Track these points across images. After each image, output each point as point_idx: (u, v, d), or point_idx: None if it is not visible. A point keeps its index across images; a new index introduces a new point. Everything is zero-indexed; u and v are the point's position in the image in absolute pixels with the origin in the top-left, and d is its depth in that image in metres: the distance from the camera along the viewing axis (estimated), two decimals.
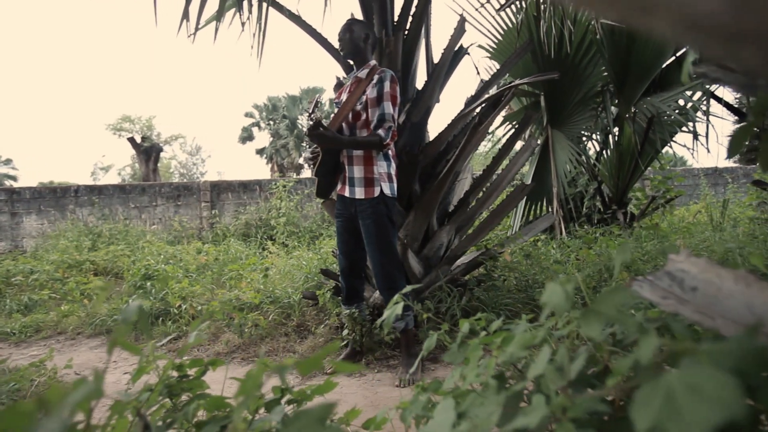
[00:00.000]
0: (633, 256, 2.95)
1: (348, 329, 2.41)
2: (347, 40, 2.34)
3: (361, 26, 2.37)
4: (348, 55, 2.37)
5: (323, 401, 0.50)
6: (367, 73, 2.26)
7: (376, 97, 2.20)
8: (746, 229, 3.63)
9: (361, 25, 2.38)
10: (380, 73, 2.23)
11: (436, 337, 1.04)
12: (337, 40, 2.42)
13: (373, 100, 2.21)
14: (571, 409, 0.53)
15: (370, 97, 2.21)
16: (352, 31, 2.34)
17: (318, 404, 0.45)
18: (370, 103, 2.22)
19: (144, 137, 15.37)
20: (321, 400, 0.86)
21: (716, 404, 0.29)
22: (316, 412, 0.43)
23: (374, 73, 2.24)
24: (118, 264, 5.33)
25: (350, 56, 2.36)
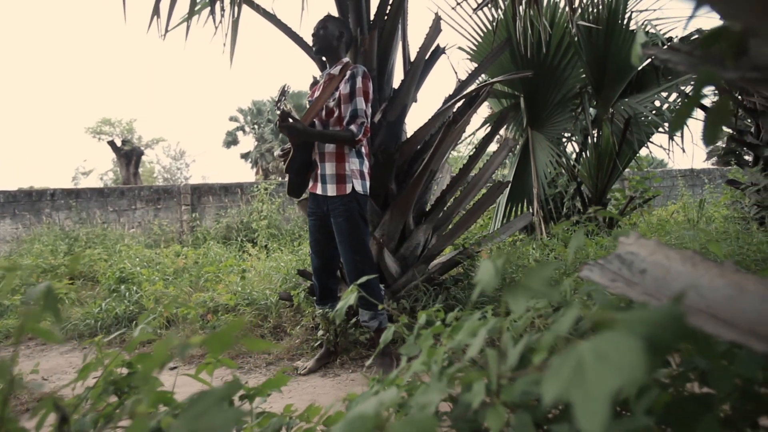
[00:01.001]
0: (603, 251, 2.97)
1: (322, 329, 2.38)
2: (320, 36, 2.32)
3: (335, 23, 2.35)
4: (320, 51, 2.34)
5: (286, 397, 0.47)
6: (340, 69, 2.24)
7: (348, 93, 2.19)
8: (720, 227, 3.68)
9: (336, 22, 2.36)
10: (353, 69, 2.22)
11: (393, 329, 1.02)
12: (311, 35, 2.40)
13: (345, 96, 2.19)
14: (504, 392, 0.51)
15: (342, 93, 2.20)
16: (326, 27, 2.32)
17: (225, 384, 0.42)
18: (342, 99, 2.20)
19: (124, 141, 15.10)
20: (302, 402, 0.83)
21: (619, 369, 0.28)
22: (219, 391, 0.40)
23: (347, 70, 2.23)
24: (95, 268, 5.21)
25: (322, 53, 2.34)
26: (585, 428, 0.26)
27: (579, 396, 0.28)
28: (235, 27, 2.58)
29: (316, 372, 2.33)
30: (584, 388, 0.29)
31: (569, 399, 0.29)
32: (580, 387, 0.29)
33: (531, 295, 0.50)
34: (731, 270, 0.62)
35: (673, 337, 0.34)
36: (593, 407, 0.27)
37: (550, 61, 4.64)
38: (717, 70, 0.61)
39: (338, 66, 2.28)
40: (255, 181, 7.91)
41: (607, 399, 0.27)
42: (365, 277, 2.18)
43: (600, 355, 0.30)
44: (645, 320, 0.34)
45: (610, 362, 0.29)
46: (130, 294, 3.47)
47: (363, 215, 2.21)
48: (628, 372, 0.27)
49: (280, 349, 2.67)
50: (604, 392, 0.27)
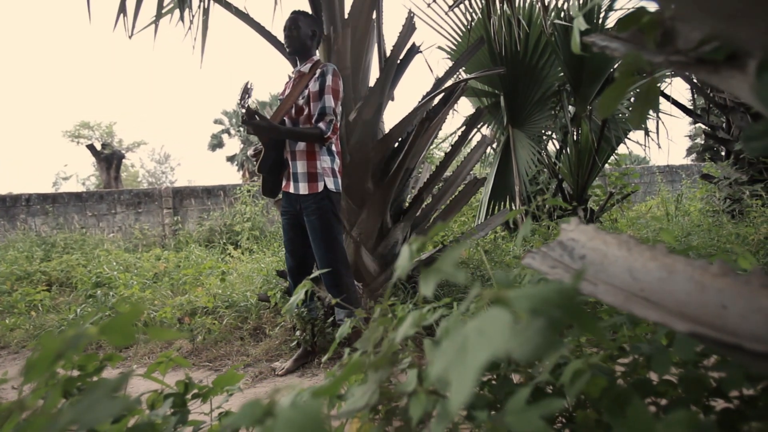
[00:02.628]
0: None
1: (299, 329, 2.37)
2: (294, 37, 2.29)
3: (307, 22, 2.32)
4: (294, 52, 2.33)
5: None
6: (310, 67, 2.24)
7: (318, 91, 2.18)
8: (695, 220, 3.74)
9: (308, 20, 2.34)
10: (322, 67, 2.21)
11: (349, 323, 1.02)
12: (284, 35, 2.38)
13: (315, 94, 2.19)
14: (426, 379, 0.51)
15: (312, 90, 2.19)
16: (299, 27, 2.29)
17: (115, 376, 0.41)
18: (312, 96, 2.19)
19: (104, 144, 14.85)
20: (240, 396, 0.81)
21: (490, 342, 0.28)
22: (110, 382, 0.39)
23: (317, 68, 2.22)
24: (72, 274, 5.12)
25: (296, 53, 2.32)
26: (453, 401, 0.26)
27: (454, 372, 0.28)
28: (205, 25, 2.56)
29: (293, 372, 2.31)
30: (464, 362, 0.29)
31: (448, 377, 0.29)
32: (461, 362, 0.29)
33: (441, 277, 0.49)
34: (663, 253, 0.63)
35: (563, 313, 0.34)
36: (464, 380, 0.27)
37: (529, 59, 4.67)
38: (644, 54, 0.62)
39: (309, 64, 2.27)
40: (238, 183, 7.85)
41: (476, 371, 0.26)
42: (341, 275, 2.17)
43: (480, 331, 0.29)
44: (534, 296, 0.34)
45: (485, 336, 0.28)
46: (106, 299, 3.41)
47: (335, 213, 2.21)
48: (496, 344, 0.27)
49: (258, 350, 2.65)
50: (474, 366, 0.27)
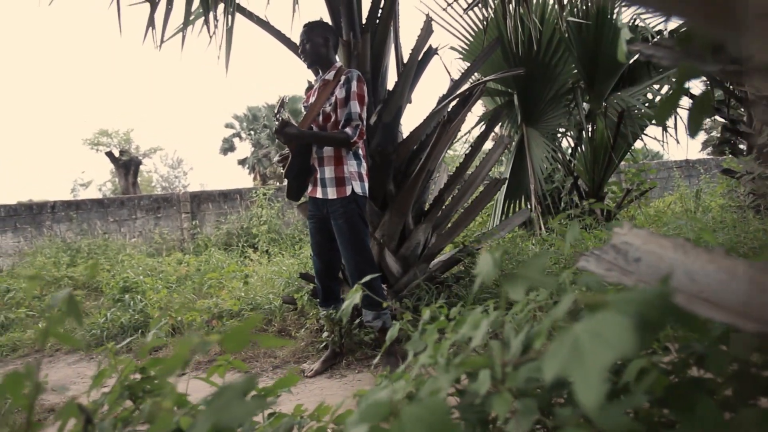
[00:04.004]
0: (600, 244, 3.00)
1: (327, 331, 2.41)
2: (308, 50, 2.33)
3: (318, 31, 2.35)
4: (313, 63, 2.37)
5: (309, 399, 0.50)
6: (334, 74, 2.28)
7: (344, 97, 2.23)
8: (717, 216, 3.72)
9: (319, 29, 2.36)
10: (347, 73, 2.25)
11: (398, 327, 1.05)
12: (299, 50, 2.41)
13: (341, 101, 2.24)
14: (509, 379, 0.54)
15: (338, 97, 2.24)
16: (311, 39, 2.32)
17: (241, 379, 0.45)
18: (338, 103, 2.24)
19: (122, 151, 15.11)
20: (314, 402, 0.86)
21: (611, 345, 0.31)
22: (239, 386, 0.43)
23: (341, 74, 2.26)
24: (97, 278, 5.23)
25: (315, 64, 2.37)
26: (583, 401, 0.29)
27: (576, 372, 0.31)
28: (230, 36, 2.61)
29: (322, 374, 2.35)
30: (581, 364, 0.32)
31: (568, 375, 0.32)
32: (577, 364, 0.32)
33: (528, 284, 0.53)
34: (721, 256, 0.66)
35: (662, 315, 0.37)
36: (590, 381, 0.30)
37: (542, 57, 4.67)
38: (698, 64, 0.64)
39: (332, 71, 2.31)
40: (254, 187, 7.94)
41: (602, 373, 0.30)
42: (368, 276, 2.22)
43: (594, 334, 0.33)
44: (634, 300, 0.37)
45: (602, 339, 0.32)
46: (134, 303, 3.49)
47: (362, 216, 2.25)
48: (619, 347, 0.30)
49: (285, 352, 2.69)
50: (599, 367, 0.30)
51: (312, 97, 2.39)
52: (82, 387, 2.71)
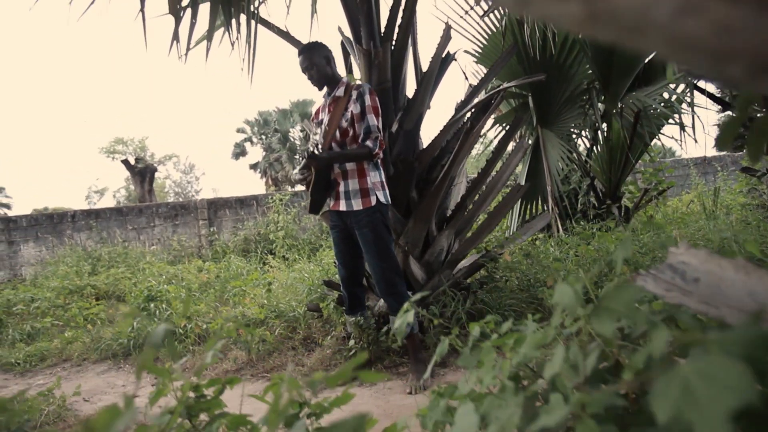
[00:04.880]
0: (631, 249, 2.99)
1: (355, 338, 2.43)
2: (314, 75, 2.36)
3: (317, 53, 2.35)
4: (322, 85, 2.40)
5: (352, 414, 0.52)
6: (344, 90, 2.32)
7: (360, 112, 2.28)
8: (738, 216, 3.68)
9: (316, 50, 2.36)
10: (358, 88, 2.31)
11: (447, 342, 1.07)
12: (303, 72, 2.41)
13: (357, 115, 2.29)
14: (590, 405, 0.55)
15: (354, 113, 2.29)
16: (315, 63, 2.33)
17: (351, 415, 0.47)
18: (355, 118, 2.29)
19: (138, 159, 15.36)
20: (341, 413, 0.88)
21: (731, 391, 0.32)
22: (349, 423, 0.45)
23: (351, 90, 2.31)
24: (120, 287, 5.31)
25: (323, 86, 2.40)
26: None
27: (695, 417, 0.33)
28: (253, 48, 2.65)
29: (352, 382, 2.37)
30: (699, 409, 0.33)
31: (685, 418, 0.33)
32: (694, 408, 0.34)
33: (616, 318, 0.54)
34: None
35: (766, 356, 0.39)
36: (713, 427, 0.31)
37: (557, 58, 4.66)
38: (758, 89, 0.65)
39: (341, 87, 2.36)
40: (269, 193, 8.00)
41: (724, 419, 0.31)
42: (395, 284, 2.24)
43: (707, 377, 0.34)
44: (739, 341, 0.39)
45: (719, 384, 0.33)
46: (160, 312, 3.54)
47: (386, 224, 2.29)
48: (739, 393, 0.32)
49: (313, 360, 2.72)
50: (720, 414, 0.31)
51: (322, 114, 2.45)
52: (113, 397, 2.76)
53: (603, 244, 3.21)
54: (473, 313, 2.64)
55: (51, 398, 2.52)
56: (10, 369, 3.63)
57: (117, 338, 3.53)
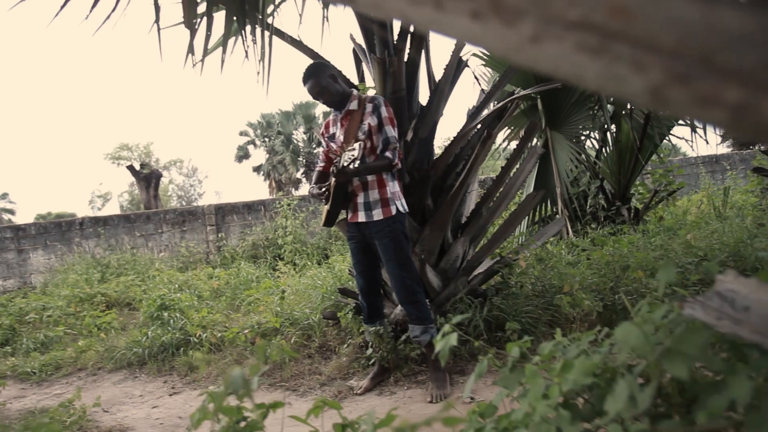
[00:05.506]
0: (645, 254, 2.99)
1: (375, 347, 2.44)
2: (326, 98, 2.34)
3: (322, 76, 2.31)
4: (336, 105, 2.38)
5: None
6: (357, 103, 2.33)
7: (377, 124, 2.29)
8: (751, 216, 3.67)
9: (321, 73, 2.32)
10: (372, 101, 2.32)
11: (486, 362, 1.07)
12: (315, 98, 2.40)
13: (375, 127, 2.30)
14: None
15: (372, 125, 2.29)
16: (324, 87, 2.30)
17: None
18: (372, 130, 2.30)
19: (143, 164, 15.41)
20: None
21: None
22: None
23: (365, 102, 2.32)
24: (130, 294, 5.33)
25: (338, 104, 2.37)
26: None
27: None
28: (269, 59, 2.66)
29: (371, 391, 2.38)
30: None
31: None
32: None
33: (690, 361, 0.54)
34: None
35: None
36: None
37: None
38: None
39: (353, 101, 2.36)
40: (277, 198, 8.02)
41: None
42: (416, 292, 2.24)
43: None
44: None
45: None
46: (174, 321, 3.55)
47: (405, 233, 2.30)
48: None
49: (330, 368, 2.73)
50: None
51: (333, 128, 2.45)
52: (132, 408, 2.78)
53: (617, 249, 3.20)
54: (490, 320, 2.64)
55: (72, 410, 2.53)
56: (27, 378, 3.65)
57: (131, 347, 3.55)
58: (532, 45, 0.28)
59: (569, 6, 0.27)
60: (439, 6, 0.28)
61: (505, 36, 0.29)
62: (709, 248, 2.83)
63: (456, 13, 0.29)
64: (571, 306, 2.41)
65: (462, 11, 0.29)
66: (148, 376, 3.24)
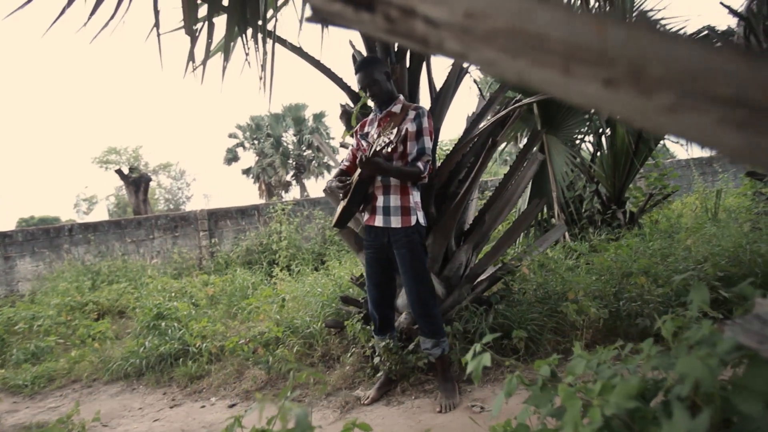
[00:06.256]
0: (647, 260, 3.01)
1: (384, 359, 2.41)
2: (376, 92, 2.30)
3: (377, 69, 2.29)
4: (384, 103, 2.34)
5: None
6: (401, 108, 2.29)
7: (415, 131, 2.23)
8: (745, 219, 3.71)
9: (377, 66, 2.30)
10: (416, 108, 2.26)
11: (515, 381, 1.05)
12: (363, 89, 2.35)
13: (412, 134, 2.24)
14: None
15: (410, 131, 2.23)
16: (376, 81, 2.27)
17: None
18: (409, 136, 2.24)
19: (131, 168, 15.18)
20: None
21: None
22: None
23: (408, 109, 2.27)
24: (123, 302, 5.24)
25: (387, 103, 2.33)
26: None
27: None
28: (272, 67, 2.62)
29: (378, 401, 2.36)
30: None
31: None
32: None
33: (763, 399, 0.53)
34: None
35: None
36: None
37: None
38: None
39: (398, 104, 2.31)
40: (271, 202, 7.94)
41: None
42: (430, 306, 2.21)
43: None
44: None
45: None
46: (172, 331, 3.49)
47: (424, 245, 2.27)
48: None
49: (335, 378, 2.70)
50: None
51: (368, 128, 2.41)
52: (132, 421, 2.71)
53: (618, 254, 3.22)
54: (495, 328, 2.63)
55: (70, 425, 2.46)
56: (18, 391, 3.55)
57: (128, 357, 3.47)
58: (668, 114, 0.28)
59: (718, 82, 0.26)
60: (568, 71, 0.27)
61: (638, 104, 0.28)
62: (710, 254, 2.85)
63: (586, 79, 0.27)
64: (577, 313, 2.41)
65: (593, 78, 0.27)
66: (147, 387, 3.17)
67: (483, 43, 0.28)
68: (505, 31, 0.27)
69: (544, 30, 0.27)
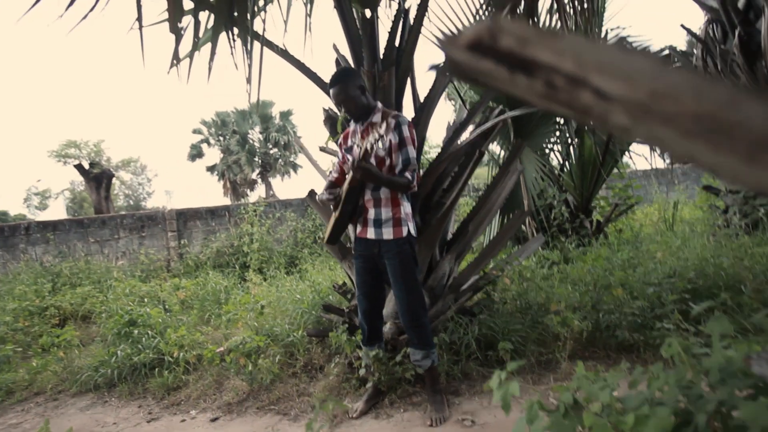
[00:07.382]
0: (624, 273, 3.13)
1: (373, 369, 2.41)
2: (351, 108, 2.26)
3: (351, 84, 2.23)
4: (360, 117, 2.30)
5: None
6: (381, 116, 2.27)
7: (398, 142, 2.22)
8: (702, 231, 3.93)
9: (350, 81, 2.24)
10: (395, 117, 2.24)
11: (536, 407, 1.08)
12: (338, 106, 2.31)
13: (395, 145, 2.22)
14: None
15: (393, 142, 2.21)
16: (351, 96, 2.23)
17: None
18: (393, 147, 2.23)
19: (92, 163, 14.44)
20: None
21: None
22: None
23: (387, 117, 2.25)
24: (87, 307, 5.01)
25: (362, 116, 2.30)
26: None
27: None
28: (260, 68, 2.56)
29: (367, 414, 2.35)
30: None
31: None
32: None
33: None
34: None
35: None
36: None
37: None
38: None
39: (377, 113, 2.30)
40: (242, 203, 7.77)
41: None
42: (420, 317, 2.23)
43: None
44: None
45: None
46: (146, 339, 3.36)
47: (414, 256, 2.27)
48: None
49: (319, 389, 2.68)
50: None
51: (351, 139, 2.39)
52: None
53: (595, 266, 3.34)
54: (480, 339, 2.68)
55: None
56: None
57: (97, 367, 3.32)
58: None
59: None
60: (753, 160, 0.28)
61: None
62: (680, 267, 2.99)
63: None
64: (560, 325, 2.48)
65: None
66: (120, 400, 3.04)
67: (660, 123, 0.29)
68: (692, 115, 0.28)
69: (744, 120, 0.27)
